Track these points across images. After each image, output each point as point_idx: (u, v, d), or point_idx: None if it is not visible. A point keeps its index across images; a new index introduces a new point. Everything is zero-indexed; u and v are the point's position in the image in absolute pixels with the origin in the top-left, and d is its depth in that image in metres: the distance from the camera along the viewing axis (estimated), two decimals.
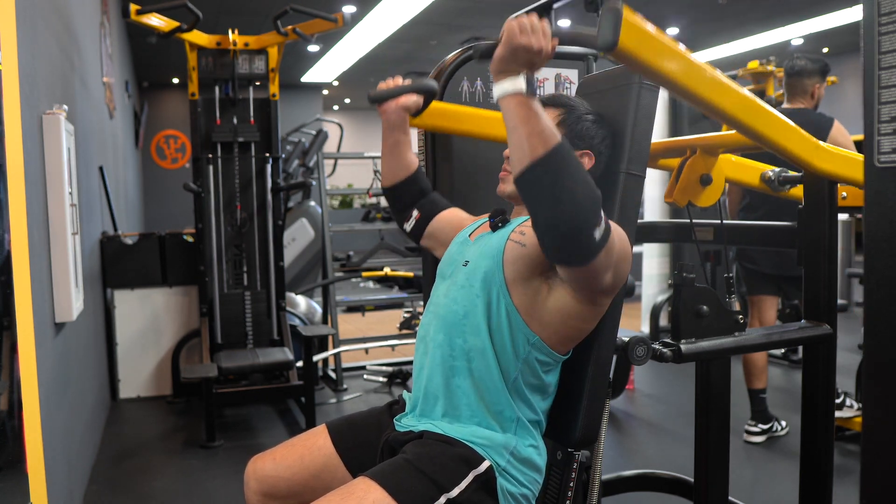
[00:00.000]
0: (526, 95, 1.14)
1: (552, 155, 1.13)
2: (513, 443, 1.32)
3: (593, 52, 2.13)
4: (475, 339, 1.33)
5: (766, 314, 3.38)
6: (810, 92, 3.19)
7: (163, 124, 11.60)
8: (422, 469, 1.26)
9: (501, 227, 1.43)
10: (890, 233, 0.83)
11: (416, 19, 7.92)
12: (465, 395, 1.34)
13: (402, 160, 1.65)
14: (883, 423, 0.85)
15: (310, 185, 4.87)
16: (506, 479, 1.30)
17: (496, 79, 1.17)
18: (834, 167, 1.47)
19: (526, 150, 1.13)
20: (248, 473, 1.50)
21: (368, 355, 4.91)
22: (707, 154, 1.71)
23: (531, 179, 1.14)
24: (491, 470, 1.29)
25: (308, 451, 1.47)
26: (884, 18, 0.84)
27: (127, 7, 3.66)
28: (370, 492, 1.21)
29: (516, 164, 1.16)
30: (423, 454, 1.29)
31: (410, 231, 1.67)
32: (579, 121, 1.43)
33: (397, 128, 1.62)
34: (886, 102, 0.85)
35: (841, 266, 5.98)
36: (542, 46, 1.14)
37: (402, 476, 1.25)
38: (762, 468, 2.99)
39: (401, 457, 1.30)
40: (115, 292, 4.09)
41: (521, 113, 1.14)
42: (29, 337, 1.61)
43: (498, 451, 1.30)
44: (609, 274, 1.23)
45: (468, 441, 1.31)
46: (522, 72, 1.15)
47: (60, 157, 2.18)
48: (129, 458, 3.26)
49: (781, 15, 8.40)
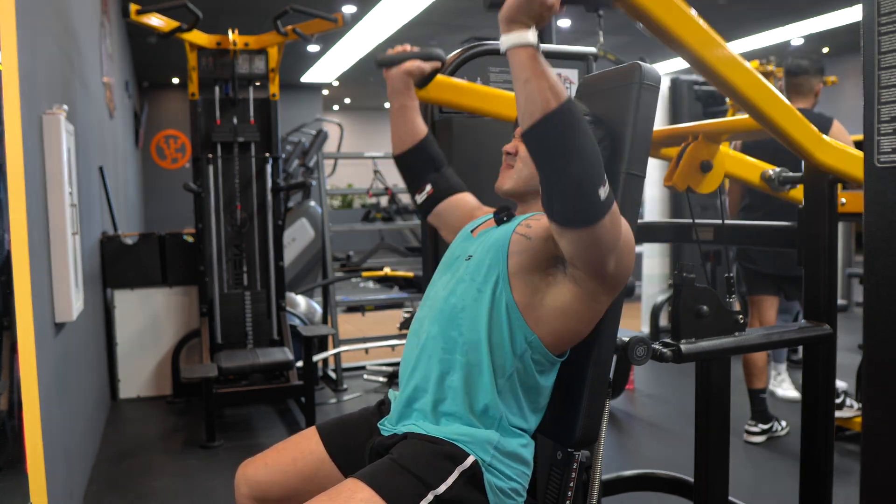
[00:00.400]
0: (536, 49, 1.13)
1: (564, 108, 1.12)
2: (495, 438, 1.31)
3: (593, 53, 2.13)
4: (472, 333, 1.33)
5: (766, 314, 3.38)
6: (814, 91, 3.22)
7: (163, 124, 11.60)
8: (408, 468, 1.26)
9: (507, 221, 1.43)
10: (890, 233, 0.83)
11: (416, 19, 7.92)
12: (453, 391, 1.33)
13: (408, 126, 1.64)
14: (883, 423, 0.85)
15: (310, 185, 4.88)
16: (492, 473, 1.30)
17: (506, 29, 1.15)
18: (835, 161, 1.47)
19: (538, 102, 1.12)
20: (239, 479, 1.49)
21: (368, 355, 4.91)
22: (709, 141, 1.72)
23: (543, 132, 1.13)
24: (476, 465, 1.28)
25: (300, 454, 1.47)
26: (884, 18, 0.84)
27: (127, 7, 3.66)
28: (358, 492, 1.22)
29: (526, 118, 1.14)
30: (409, 454, 1.29)
31: (420, 204, 1.67)
32: None
33: (401, 93, 1.62)
34: (886, 102, 0.85)
35: (841, 266, 5.98)
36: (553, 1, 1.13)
37: (390, 476, 1.25)
38: (762, 468, 2.99)
39: (387, 458, 1.30)
40: (115, 292, 4.09)
41: (532, 66, 1.13)
42: (29, 337, 1.61)
43: (482, 446, 1.30)
44: (613, 258, 1.22)
45: (451, 439, 1.30)
46: (532, 25, 1.14)
47: (60, 157, 2.18)
48: (129, 458, 3.26)
49: (781, 15, 8.40)
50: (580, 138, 1.13)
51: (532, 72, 1.13)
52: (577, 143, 1.12)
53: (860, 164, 1.47)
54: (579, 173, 1.12)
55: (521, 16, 1.13)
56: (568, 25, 8.36)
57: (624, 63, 1.53)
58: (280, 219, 4.14)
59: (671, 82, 5.32)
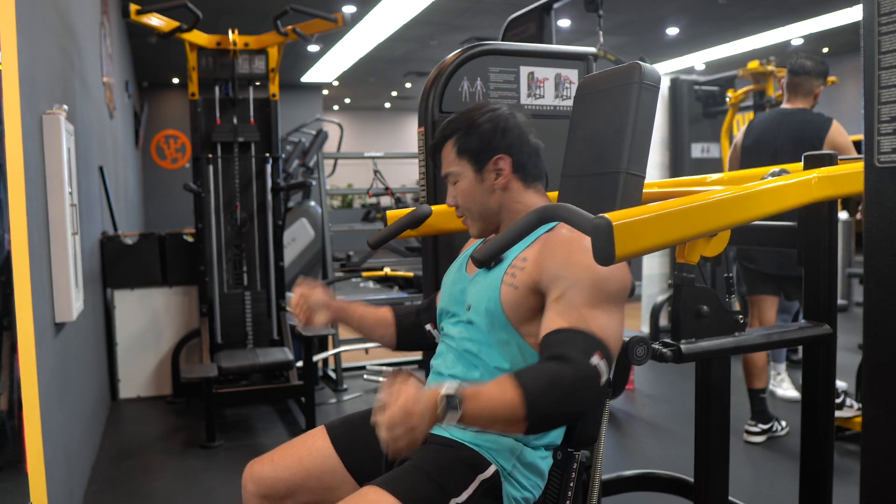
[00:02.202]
0: (462, 410, 1.06)
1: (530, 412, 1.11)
2: (519, 448, 1.32)
3: (593, 53, 2.13)
4: (492, 372, 1.33)
5: (766, 314, 3.38)
6: (815, 93, 3.22)
7: (163, 124, 11.60)
8: (429, 474, 1.26)
9: (494, 266, 1.40)
10: (890, 233, 0.83)
11: (416, 19, 7.92)
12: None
13: (377, 329, 1.65)
14: (883, 423, 0.85)
15: (310, 185, 4.87)
16: (511, 483, 1.30)
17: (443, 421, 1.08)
18: (834, 190, 1.46)
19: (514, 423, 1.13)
20: (246, 477, 1.50)
21: (368, 355, 4.91)
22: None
23: (538, 425, 1.17)
24: (497, 475, 1.29)
25: (307, 451, 1.47)
26: (884, 18, 0.84)
27: (127, 7, 3.66)
28: (380, 501, 1.22)
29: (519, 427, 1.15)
30: (430, 459, 1.29)
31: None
32: (473, 134, 1.40)
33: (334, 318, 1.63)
34: (886, 102, 0.85)
35: (841, 266, 5.98)
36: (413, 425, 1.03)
37: (411, 482, 1.25)
38: (762, 468, 2.98)
39: (408, 463, 1.30)
40: (115, 292, 4.09)
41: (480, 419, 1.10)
42: (29, 337, 1.61)
43: (504, 455, 1.31)
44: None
45: (473, 444, 1.30)
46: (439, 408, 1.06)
47: (60, 157, 2.18)
48: (129, 458, 3.26)
49: (781, 15, 8.40)
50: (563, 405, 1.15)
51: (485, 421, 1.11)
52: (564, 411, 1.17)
53: (859, 177, 1.46)
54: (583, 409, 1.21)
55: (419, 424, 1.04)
56: (568, 25, 8.36)
57: (624, 63, 1.54)
58: (280, 219, 4.14)
59: (671, 82, 5.32)
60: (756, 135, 3.30)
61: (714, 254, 1.64)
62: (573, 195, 1.57)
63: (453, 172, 1.44)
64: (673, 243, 1.19)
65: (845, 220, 6.73)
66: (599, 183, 1.49)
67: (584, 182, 1.55)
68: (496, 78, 2.03)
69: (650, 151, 1.49)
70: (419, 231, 1.77)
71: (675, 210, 1.15)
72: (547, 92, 2.09)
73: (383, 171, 5.19)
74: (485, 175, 1.41)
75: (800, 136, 3.11)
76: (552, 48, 2.16)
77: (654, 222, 1.12)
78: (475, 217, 1.45)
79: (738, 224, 1.29)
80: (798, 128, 3.15)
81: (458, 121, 1.43)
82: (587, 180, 1.54)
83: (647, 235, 1.11)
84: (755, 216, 1.30)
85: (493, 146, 1.40)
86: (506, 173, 1.41)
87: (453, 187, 1.45)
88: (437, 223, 1.78)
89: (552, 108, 2.11)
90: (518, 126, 1.43)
